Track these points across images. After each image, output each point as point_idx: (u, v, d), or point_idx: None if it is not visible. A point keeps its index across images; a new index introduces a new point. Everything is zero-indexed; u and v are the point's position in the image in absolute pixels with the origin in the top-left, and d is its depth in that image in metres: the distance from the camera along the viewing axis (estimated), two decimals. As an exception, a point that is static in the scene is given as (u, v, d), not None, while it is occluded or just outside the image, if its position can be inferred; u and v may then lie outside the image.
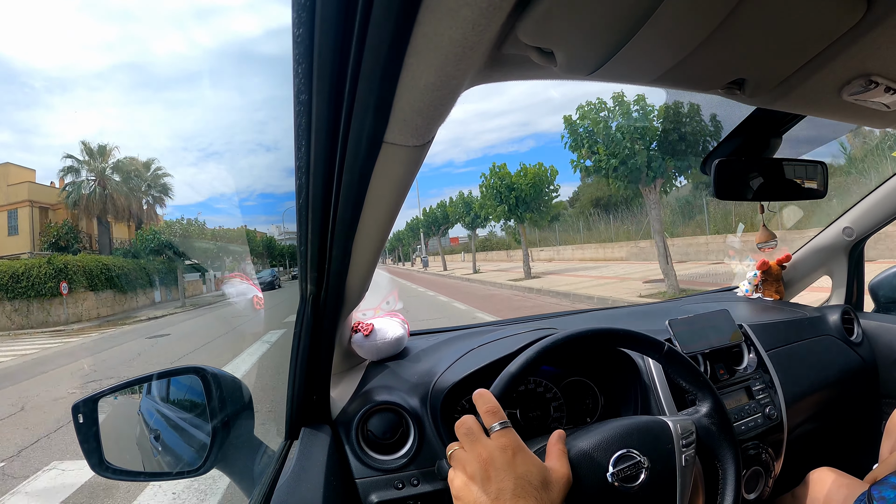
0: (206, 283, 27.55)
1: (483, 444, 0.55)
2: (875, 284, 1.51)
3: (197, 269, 26.27)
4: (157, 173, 29.31)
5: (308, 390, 0.77)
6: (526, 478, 0.53)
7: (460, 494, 0.54)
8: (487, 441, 0.56)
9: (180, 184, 78.48)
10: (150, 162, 29.33)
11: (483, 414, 0.58)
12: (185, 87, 73.94)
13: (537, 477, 0.54)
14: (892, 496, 0.67)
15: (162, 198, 29.40)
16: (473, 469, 0.54)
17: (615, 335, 0.73)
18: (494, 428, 0.57)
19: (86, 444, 0.74)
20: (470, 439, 0.56)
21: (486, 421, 0.58)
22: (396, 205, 0.56)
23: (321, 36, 0.33)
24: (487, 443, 0.56)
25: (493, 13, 0.32)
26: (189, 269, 25.03)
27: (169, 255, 22.96)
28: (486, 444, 0.55)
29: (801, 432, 1.09)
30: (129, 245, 25.84)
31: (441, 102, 0.41)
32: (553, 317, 1.38)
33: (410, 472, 0.75)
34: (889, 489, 0.68)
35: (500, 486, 0.52)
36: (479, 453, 0.55)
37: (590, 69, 0.41)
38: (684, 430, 0.67)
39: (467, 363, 0.89)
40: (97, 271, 18.60)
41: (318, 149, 0.43)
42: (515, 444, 0.55)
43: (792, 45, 0.42)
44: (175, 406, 0.89)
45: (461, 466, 0.55)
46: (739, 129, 0.83)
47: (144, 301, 21.83)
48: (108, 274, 19.13)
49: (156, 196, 29.28)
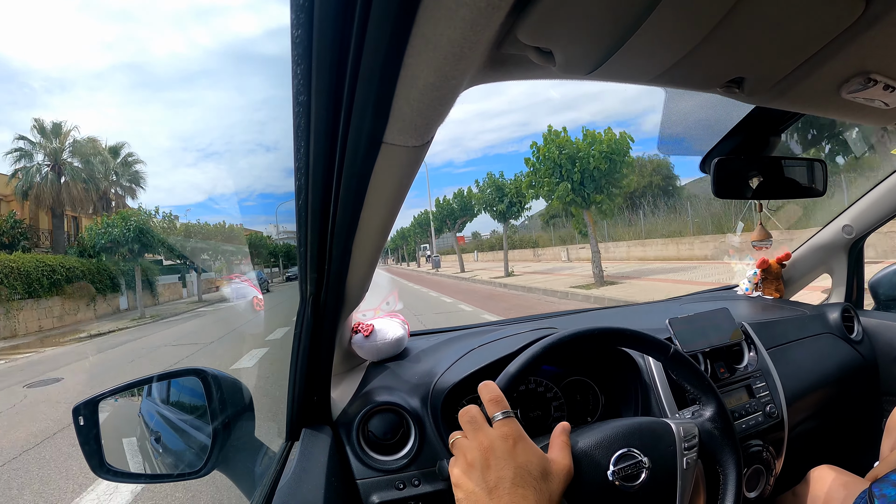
0: (188, 286, 23.80)
1: (485, 433, 0.56)
2: (875, 282, 1.51)
3: (177, 270, 23.01)
4: (128, 160, 25.16)
5: (308, 391, 0.77)
6: (526, 467, 0.53)
7: (459, 482, 0.54)
8: (489, 430, 0.56)
9: (180, 184, 78.33)
10: (119, 146, 24.99)
11: (487, 403, 0.59)
12: (184, 87, 74.01)
13: (537, 467, 0.54)
14: (892, 494, 0.67)
15: (133, 188, 25.18)
16: (474, 457, 0.54)
17: (620, 335, 0.72)
18: (497, 417, 0.57)
19: (86, 447, 0.74)
20: (472, 427, 0.57)
21: (489, 410, 0.58)
22: (396, 205, 0.56)
23: (320, 37, 0.33)
24: (489, 431, 0.56)
25: (491, 13, 0.32)
26: (167, 270, 22.50)
27: (124, 252, 18.36)
28: (488, 433, 0.56)
29: (802, 430, 1.09)
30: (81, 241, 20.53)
31: (440, 102, 0.41)
32: (553, 316, 1.38)
33: (411, 473, 0.75)
34: (890, 486, 0.68)
35: (499, 475, 0.52)
36: (480, 441, 0.55)
37: (589, 69, 0.41)
38: (687, 434, 0.67)
39: (468, 363, 0.89)
40: (38, 274, 14.40)
41: (318, 149, 0.43)
42: (517, 434, 0.56)
43: (790, 43, 0.42)
44: (176, 408, 0.89)
45: (462, 454, 0.56)
46: (738, 127, 0.83)
47: (106, 309, 17.55)
48: (53, 277, 14.98)
49: (126, 186, 25.03)
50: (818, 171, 0.89)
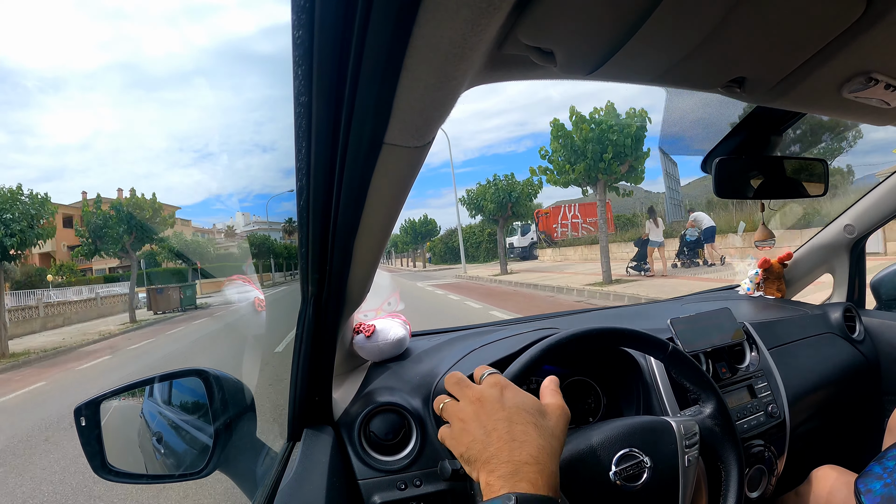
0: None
1: (472, 388, 0.55)
2: (876, 282, 1.51)
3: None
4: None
5: (310, 392, 0.77)
6: (521, 406, 0.51)
7: (457, 436, 0.52)
8: (476, 385, 0.56)
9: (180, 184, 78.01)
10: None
11: (474, 373, 0.58)
12: (179, 86, 73.88)
13: (532, 405, 0.52)
14: (878, 487, 0.66)
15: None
16: (466, 412, 0.53)
17: (620, 334, 0.73)
18: (483, 376, 0.57)
19: (88, 447, 0.74)
20: (459, 387, 0.56)
21: (475, 376, 0.58)
22: (397, 205, 0.56)
23: (321, 38, 0.34)
24: (476, 386, 0.55)
25: (492, 13, 0.32)
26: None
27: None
28: (475, 388, 0.55)
29: (804, 430, 1.09)
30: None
31: (441, 103, 0.41)
32: (554, 316, 1.38)
33: (413, 473, 0.75)
34: (874, 479, 0.67)
35: (494, 418, 0.50)
36: (468, 396, 0.54)
37: (589, 69, 0.41)
38: (688, 431, 0.67)
39: (469, 363, 0.89)
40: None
41: (319, 150, 0.43)
42: (504, 382, 0.55)
43: (791, 42, 0.42)
44: (177, 408, 0.89)
45: (453, 414, 0.54)
46: (739, 127, 0.83)
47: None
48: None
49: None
50: (819, 171, 0.89)
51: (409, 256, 39.39)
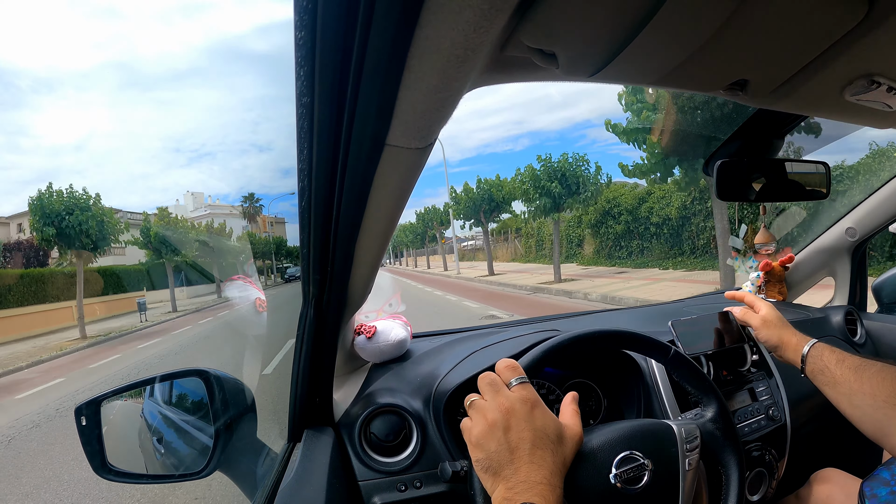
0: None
1: (504, 395, 0.57)
2: (878, 285, 1.50)
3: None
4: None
5: (311, 393, 0.77)
6: (544, 430, 0.55)
7: (481, 441, 0.55)
8: (509, 392, 0.58)
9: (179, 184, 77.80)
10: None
11: (503, 370, 0.60)
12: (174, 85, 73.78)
13: (554, 431, 0.56)
14: (884, 493, 0.66)
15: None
16: (495, 417, 0.55)
17: (621, 337, 0.73)
18: (514, 382, 0.59)
19: (88, 447, 0.74)
20: (492, 389, 0.58)
21: (504, 376, 0.60)
22: (399, 207, 0.56)
23: (323, 39, 0.34)
24: (509, 394, 0.57)
25: (494, 15, 0.32)
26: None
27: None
28: (508, 395, 0.57)
29: (805, 433, 1.09)
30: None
31: (443, 105, 0.41)
32: (555, 318, 1.38)
33: (413, 475, 0.75)
34: (881, 485, 0.67)
35: (520, 436, 0.54)
36: (500, 403, 0.56)
37: (592, 70, 0.41)
38: (689, 435, 0.66)
39: (470, 365, 0.89)
40: None
41: (321, 151, 0.43)
42: (534, 398, 0.57)
43: (794, 45, 0.42)
44: (178, 408, 0.89)
45: (482, 414, 0.57)
46: (741, 130, 0.83)
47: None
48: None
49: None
50: (821, 173, 0.89)
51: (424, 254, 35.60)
